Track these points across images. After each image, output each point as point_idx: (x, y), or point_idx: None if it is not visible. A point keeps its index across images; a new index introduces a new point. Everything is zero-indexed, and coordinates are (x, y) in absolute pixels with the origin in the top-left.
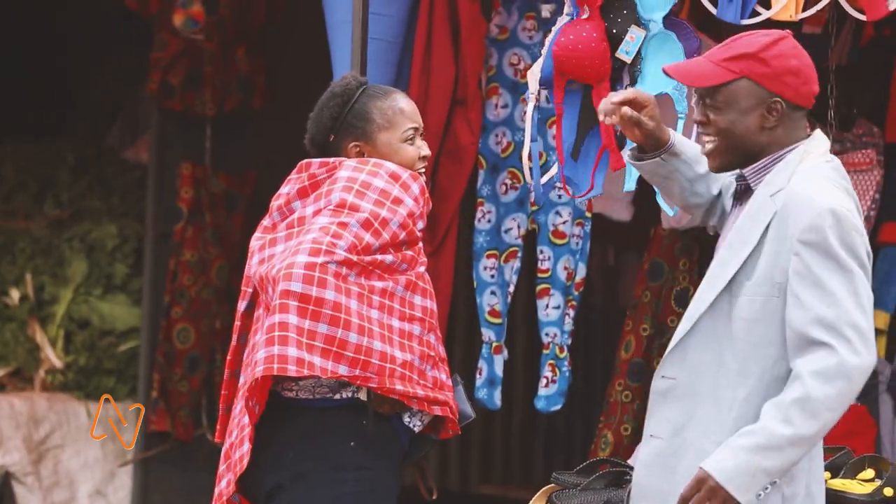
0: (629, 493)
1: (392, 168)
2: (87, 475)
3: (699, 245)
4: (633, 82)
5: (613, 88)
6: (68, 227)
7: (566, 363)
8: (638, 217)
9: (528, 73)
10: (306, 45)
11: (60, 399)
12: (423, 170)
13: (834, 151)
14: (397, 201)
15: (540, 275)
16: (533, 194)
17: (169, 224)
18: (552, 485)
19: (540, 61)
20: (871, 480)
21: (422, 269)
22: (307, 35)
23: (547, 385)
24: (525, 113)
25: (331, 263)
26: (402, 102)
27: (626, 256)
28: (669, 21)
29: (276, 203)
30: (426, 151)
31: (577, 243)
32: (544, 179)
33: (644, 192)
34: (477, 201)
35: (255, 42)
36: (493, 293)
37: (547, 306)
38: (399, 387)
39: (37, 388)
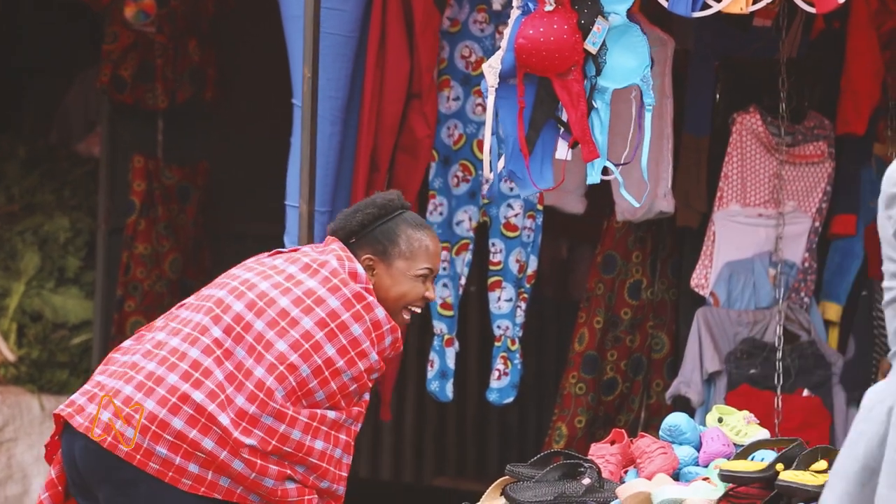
0: None
1: (379, 317)
2: (41, 468)
3: (652, 237)
4: (598, 73)
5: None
6: (20, 221)
7: (518, 355)
8: (591, 209)
9: (485, 66)
10: (257, 37)
11: (13, 392)
12: (419, 311)
13: (786, 144)
14: (362, 355)
15: (492, 267)
16: (486, 187)
17: (121, 217)
18: (506, 477)
19: (499, 54)
20: (824, 472)
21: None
22: (258, 27)
23: (499, 377)
24: (478, 106)
25: (264, 416)
26: (430, 242)
27: (580, 249)
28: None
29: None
30: (432, 295)
31: (529, 236)
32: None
33: (597, 185)
34: (429, 193)
35: (206, 34)
36: (444, 285)
37: (499, 299)
38: None
39: None
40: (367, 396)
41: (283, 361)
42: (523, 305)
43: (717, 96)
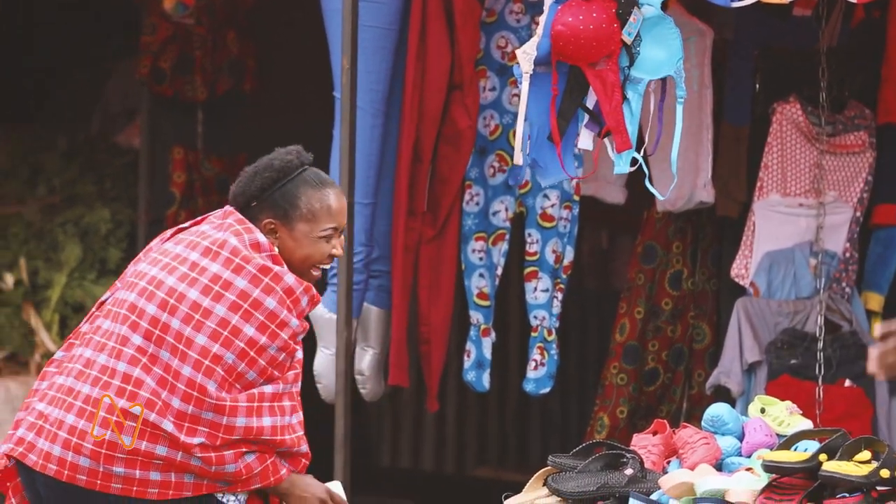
0: None
1: (289, 283)
2: None
3: (692, 227)
4: (631, 63)
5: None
6: (61, 212)
7: (555, 346)
8: (631, 200)
9: (519, 52)
10: (296, 28)
11: None
12: (327, 267)
13: (826, 133)
14: (282, 325)
15: (528, 258)
16: (525, 177)
17: (161, 208)
18: (548, 467)
19: (534, 41)
20: (868, 462)
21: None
22: (297, 18)
23: (536, 368)
24: (514, 96)
25: (204, 413)
26: (332, 199)
27: (620, 239)
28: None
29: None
30: (339, 252)
31: (566, 226)
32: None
33: (637, 175)
34: (465, 184)
35: (244, 26)
36: (481, 275)
37: (535, 289)
38: None
39: (32, 372)
40: (299, 355)
41: (206, 355)
42: (560, 296)
43: (757, 86)
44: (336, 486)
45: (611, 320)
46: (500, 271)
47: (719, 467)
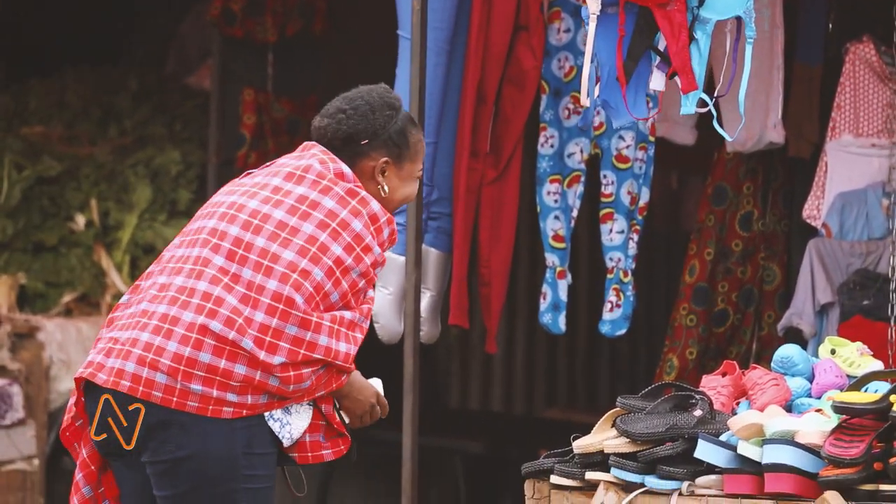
0: None
1: (374, 210)
2: None
3: (763, 168)
4: (700, 4)
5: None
6: (132, 154)
7: (630, 287)
8: (701, 140)
9: None
10: None
11: None
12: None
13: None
14: (367, 250)
15: (603, 199)
16: (599, 118)
17: (232, 150)
18: (617, 409)
19: None
20: None
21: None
22: None
23: (611, 309)
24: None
25: (288, 327)
26: (423, 139)
27: (690, 180)
28: None
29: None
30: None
31: (641, 167)
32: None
33: (707, 116)
34: (539, 126)
35: None
36: (556, 218)
37: (611, 231)
38: None
39: (103, 313)
40: (371, 293)
41: (294, 269)
42: (635, 237)
43: (830, 26)
44: (377, 384)
45: (680, 262)
46: (575, 213)
47: (789, 408)
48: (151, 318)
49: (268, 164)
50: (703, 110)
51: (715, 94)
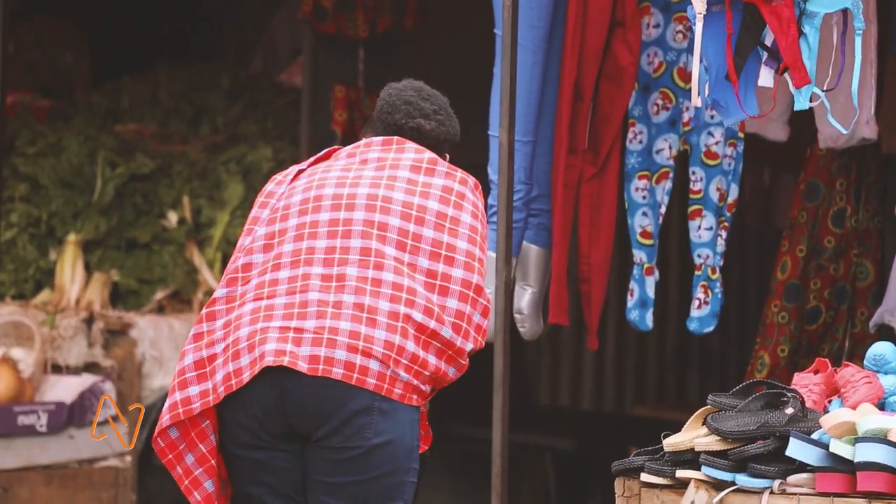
0: None
1: (481, 206)
2: None
3: (856, 164)
4: None
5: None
6: (224, 151)
7: (719, 284)
8: (794, 136)
9: None
10: None
11: None
12: None
13: None
14: (483, 237)
15: (692, 196)
16: (687, 114)
17: (323, 147)
18: (708, 406)
19: None
20: None
21: None
22: None
23: (699, 307)
24: (678, 33)
25: (476, 313)
26: None
27: (782, 177)
28: None
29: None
30: None
31: (730, 164)
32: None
33: (799, 112)
34: (629, 122)
35: None
36: (644, 214)
37: (699, 227)
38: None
39: (195, 310)
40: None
41: (472, 257)
42: (724, 234)
43: None
44: None
45: (772, 258)
46: (663, 210)
47: (882, 406)
48: (342, 308)
49: (322, 156)
50: (816, 104)
51: (825, 88)
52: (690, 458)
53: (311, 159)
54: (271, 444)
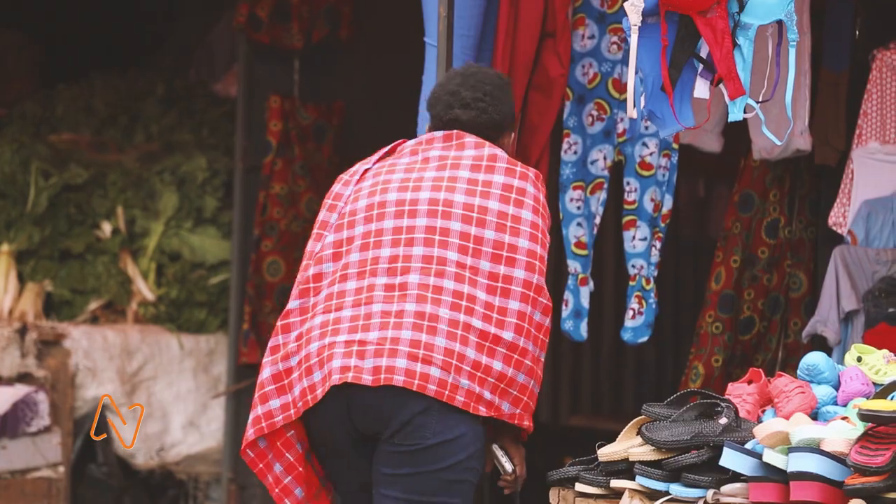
0: None
1: (542, 198)
2: (180, 407)
3: (790, 175)
4: (741, 9)
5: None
6: (159, 160)
7: (653, 295)
8: (728, 148)
9: (627, 4)
10: None
11: (153, 331)
12: None
13: None
14: (545, 234)
15: (626, 206)
16: (622, 125)
17: (258, 157)
18: (642, 416)
19: None
20: None
21: None
22: None
23: (633, 317)
24: (612, 44)
25: (538, 313)
26: None
27: (717, 187)
28: None
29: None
30: None
31: (664, 175)
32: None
33: (733, 123)
34: (563, 133)
35: None
36: (579, 225)
37: (633, 238)
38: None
39: (129, 320)
40: None
41: (533, 256)
42: (658, 244)
43: (857, 32)
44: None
45: (706, 269)
46: (598, 220)
47: (815, 416)
48: (403, 317)
49: (395, 153)
50: (750, 115)
51: (759, 99)
52: (625, 468)
53: (377, 155)
54: (348, 449)
